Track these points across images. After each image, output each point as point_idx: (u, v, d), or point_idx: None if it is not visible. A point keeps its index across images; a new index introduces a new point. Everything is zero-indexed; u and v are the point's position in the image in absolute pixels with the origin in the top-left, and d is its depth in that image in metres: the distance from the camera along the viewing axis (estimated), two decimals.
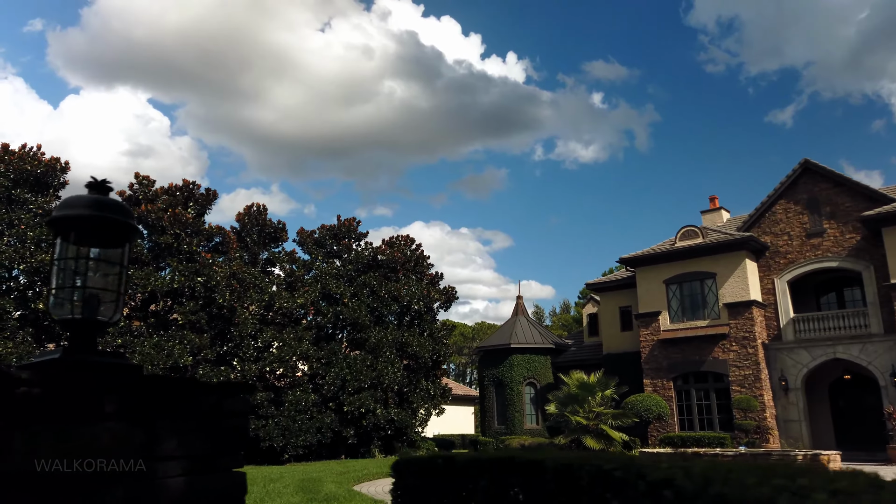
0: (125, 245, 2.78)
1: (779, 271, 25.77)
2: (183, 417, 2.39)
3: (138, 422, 2.27)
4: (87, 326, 2.66)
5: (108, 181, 2.76)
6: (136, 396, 2.29)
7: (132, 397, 2.27)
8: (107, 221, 2.66)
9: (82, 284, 2.66)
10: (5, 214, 20.52)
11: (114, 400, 2.21)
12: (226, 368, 22.52)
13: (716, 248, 25.87)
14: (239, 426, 2.57)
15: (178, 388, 2.42)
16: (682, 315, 26.60)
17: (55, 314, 2.68)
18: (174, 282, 21.59)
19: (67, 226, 2.69)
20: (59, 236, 2.74)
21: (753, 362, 24.67)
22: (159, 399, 2.34)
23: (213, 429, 2.47)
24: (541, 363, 31.15)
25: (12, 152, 20.67)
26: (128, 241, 2.78)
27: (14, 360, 19.25)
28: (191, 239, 22.71)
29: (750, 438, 23.56)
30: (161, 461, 2.30)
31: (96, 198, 2.71)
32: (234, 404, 2.57)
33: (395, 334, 28.88)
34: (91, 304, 2.65)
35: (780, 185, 26.27)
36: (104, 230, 2.69)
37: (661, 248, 27.64)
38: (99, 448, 2.15)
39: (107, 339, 21.51)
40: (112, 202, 2.73)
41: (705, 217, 30.98)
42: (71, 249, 2.71)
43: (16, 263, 20.04)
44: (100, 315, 2.67)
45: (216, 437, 2.47)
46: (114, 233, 2.72)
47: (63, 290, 2.70)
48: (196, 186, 23.98)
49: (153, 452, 2.28)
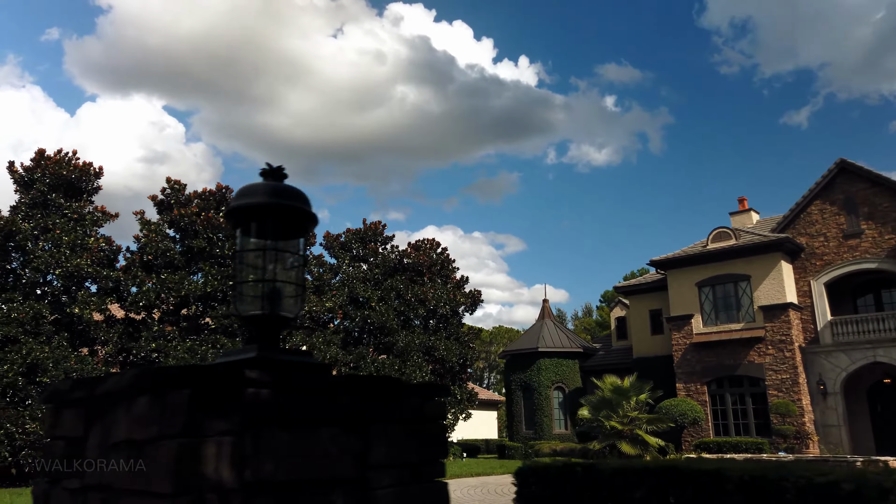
0: (305, 234, 2.59)
1: (815, 273, 25.32)
2: (391, 422, 2.20)
3: (353, 426, 2.09)
4: (272, 323, 2.48)
5: (283, 167, 2.58)
6: (352, 399, 2.10)
7: (348, 400, 2.09)
8: (286, 209, 2.48)
9: (265, 278, 2.48)
10: (41, 219, 20.56)
11: (334, 403, 2.02)
12: None
13: (750, 249, 25.47)
14: (439, 431, 2.38)
15: (387, 390, 2.23)
16: (715, 318, 26.20)
17: (239, 310, 2.49)
18: (207, 286, 21.52)
19: (247, 215, 2.51)
20: (238, 227, 2.56)
21: (791, 366, 24.21)
22: (371, 402, 2.15)
23: (416, 434, 2.28)
24: (569, 367, 30.81)
25: (48, 158, 20.73)
26: (307, 229, 2.59)
27: (50, 365, 19.22)
28: (223, 243, 22.65)
29: (789, 444, 23.10)
30: (374, 470, 2.11)
31: (274, 184, 2.53)
32: (433, 408, 2.38)
33: (423, 338, 28.70)
34: (275, 298, 2.47)
35: (815, 186, 25.85)
36: (284, 218, 2.51)
37: (693, 249, 27.28)
38: (320, 454, 1.96)
39: (141, 343, 21.48)
40: (290, 189, 2.54)
41: (734, 219, 30.53)
42: (251, 241, 2.54)
43: (51, 268, 20.06)
44: (283, 311, 2.48)
45: (420, 443, 2.28)
46: (293, 221, 2.53)
47: (245, 285, 2.53)
48: (228, 191, 23.94)
49: (367, 460, 2.10)
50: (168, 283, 21.53)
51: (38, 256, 19.97)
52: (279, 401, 1.92)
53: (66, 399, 2.18)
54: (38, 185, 20.63)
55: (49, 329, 20.19)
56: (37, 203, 20.76)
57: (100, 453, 2.01)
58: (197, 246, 22.42)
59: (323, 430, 2.00)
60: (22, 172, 20.89)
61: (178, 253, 22.61)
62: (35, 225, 20.44)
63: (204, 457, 1.71)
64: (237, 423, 1.81)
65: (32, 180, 20.79)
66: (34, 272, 20.11)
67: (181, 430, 1.72)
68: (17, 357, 18.96)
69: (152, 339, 21.42)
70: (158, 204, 23.83)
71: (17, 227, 20.03)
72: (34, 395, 19.35)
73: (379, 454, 2.14)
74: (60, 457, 2.17)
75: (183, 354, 20.75)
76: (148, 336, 21.42)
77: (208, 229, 22.29)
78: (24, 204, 20.84)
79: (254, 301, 2.45)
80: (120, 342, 21.55)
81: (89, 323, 20.75)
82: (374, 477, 2.11)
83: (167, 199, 23.78)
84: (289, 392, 1.96)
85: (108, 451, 1.98)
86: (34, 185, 20.78)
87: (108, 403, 2.03)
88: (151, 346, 21.34)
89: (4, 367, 18.78)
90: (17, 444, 18.12)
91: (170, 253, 22.34)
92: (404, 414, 2.27)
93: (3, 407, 18.30)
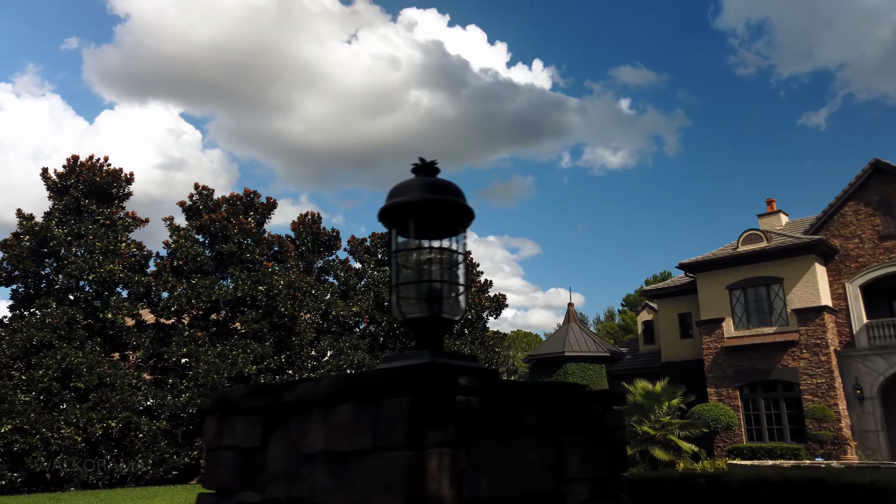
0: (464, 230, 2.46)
1: (850, 275, 24.85)
2: (578, 432, 2.06)
3: (546, 437, 1.95)
4: (436, 325, 2.35)
5: (436, 161, 2.45)
6: (545, 407, 1.96)
7: (542, 408, 1.95)
8: (444, 205, 2.35)
9: (428, 278, 2.35)
10: (74, 225, 20.70)
11: (535, 412, 1.89)
12: (287, 377, 22.39)
13: (783, 251, 25.06)
14: (620, 442, 2.24)
15: (573, 398, 2.09)
16: (747, 322, 25.78)
17: (400, 314, 2.37)
18: (238, 290, 21.55)
19: (403, 214, 2.39)
20: (393, 227, 2.44)
21: (826, 370, 23.75)
22: (562, 410, 2.01)
23: (601, 445, 2.14)
24: (596, 372, 30.47)
25: (82, 164, 20.88)
26: (465, 225, 2.46)
27: (84, 370, 19.32)
28: (253, 248, 22.68)
29: (826, 450, 22.65)
30: (568, 484, 1.97)
31: (429, 180, 2.40)
32: (613, 417, 2.24)
33: (448, 343, 28.58)
34: (437, 300, 2.35)
35: (848, 187, 25.41)
36: (441, 215, 2.38)
37: (723, 252, 26.90)
38: (524, 467, 1.83)
39: (171, 348, 21.55)
40: (446, 183, 2.42)
41: (762, 220, 30.07)
42: (408, 241, 2.42)
43: (85, 274, 20.18)
44: (446, 312, 2.36)
45: (605, 455, 2.14)
46: (451, 217, 2.40)
47: (406, 287, 2.40)
48: (256, 196, 24.00)
49: (562, 473, 1.96)
50: (198, 288, 21.59)
51: (71, 262, 20.11)
52: (486, 409, 1.79)
53: (238, 407, 2.06)
54: (72, 191, 20.78)
55: (82, 334, 20.32)
56: (70, 209, 20.91)
57: (288, 465, 1.89)
58: (227, 251, 22.46)
59: (523, 441, 1.87)
60: (55, 179, 21.06)
61: (207, 258, 22.68)
62: (68, 231, 20.59)
63: (429, 471, 1.58)
64: (451, 434, 1.68)
65: (66, 187, 20.95)
66: (67, 278, 20.25)
67: (405, 441, 1.59)
68: (51, 362, 19.09)
69: (183, 344, 21.49)
70: (187, 210, 23.94)
71: (51, 232, 20.19)
72: (69, 399, 19.46)
73: (573, 467, 2.00)
74: (231, 468, 2.05)
75: (213, 359, 20.78)
76: (179, 341, 21.49)
77: (239, 234, 22.34)
78: (57, 210, 21.00)
79: (417, 303, 2.33)
80: (151, 347, 21.64)
81: (121, 328, 20.86)
82: (569, 492, 1.97)
83: (195, 205, 23.88)
84: (491, 400, 1.82)
85: (299, 462, 1.86)
86: (68, 192, 20.94)
87: (294, 411, 1.91)
88: (182, 350, 21.41)
89: (40, 371, 18.91)
90: (52, 449, 18.20)
91: (200, 258, 22.41)
92: (588, 424, 2.13)
93: (38, 412, 18.40)
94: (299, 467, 1.85)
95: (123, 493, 16.83)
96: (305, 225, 26.91)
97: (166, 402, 20.19)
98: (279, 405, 1.94)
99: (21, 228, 20.46)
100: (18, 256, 20.14)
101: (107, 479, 19.19)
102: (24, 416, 17.89)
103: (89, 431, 18.61)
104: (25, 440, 17.74)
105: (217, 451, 2.13)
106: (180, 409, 20.12)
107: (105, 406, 19.08)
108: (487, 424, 1.79)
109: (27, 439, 17.79)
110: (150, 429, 19.57)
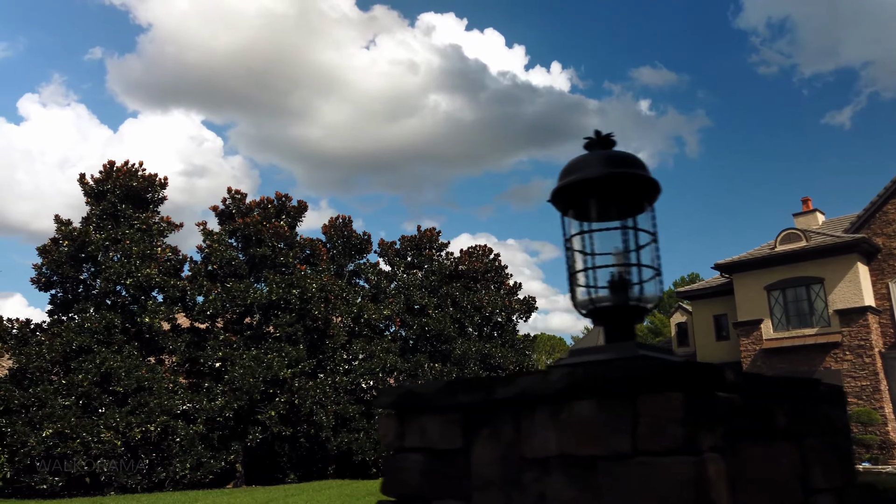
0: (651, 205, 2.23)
1: (893, 275, 24.19)
2: (815, 434, 1.82)
3: (794, 440, 1.72)
4: (628, 314, 2.13)
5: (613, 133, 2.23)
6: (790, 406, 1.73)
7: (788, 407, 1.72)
8: (629, 178, 2.12)
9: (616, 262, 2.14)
10: (111, 230, 20.83)
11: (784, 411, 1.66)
12: (320, 381, 22.28)
13: (823, 251, 24.47)
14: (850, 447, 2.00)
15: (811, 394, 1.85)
16: (786, 323, 25.21)
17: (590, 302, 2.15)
18: (272, 294, 21.51)
19: (581, 193, 2.17)
20: (569, 209, 2.23)
21: (871, 372, 23.11)
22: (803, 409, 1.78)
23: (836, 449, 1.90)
24: None
25: (118, 169, 21.02)
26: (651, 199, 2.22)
27: (123, 374, 19.38)
28: (286, 251, 22.65)
29: (873, 454, 22.00)
30: (813, 494, 1.73)
31: (608, 153, 2.18)
32: (841, 417, 2.00)
33: (478, 346, 28.27)
34: (628, 285, 2.13)
35: (890, 184, 24.77)
36: (626, 190, 2.15)
37: (760, 252, 26.35)
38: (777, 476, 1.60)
39: (207, 352, 21.57)
40: (628, 155, 2.19)
41: (798, 220, 29.44)
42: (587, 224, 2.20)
43: (122, 278, 20.27)
44: (639, 299, 2.14)
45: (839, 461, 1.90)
46: (637, 192, 2.18)
47: (587, 273, 2.19)
48: (288, 199, 24.01)
49: (807, 482, 1.72)
50: (233, 292, 21.58)
51: (109, 266, 20.21)
52: (747, 408, 1.56)
53: (431, 404, 1.85)
54: (108, 196, 20.91)
55: (120, 338, 20.39)
56: (107, 214, 21.04)
57: (503, 470, 1.67)
58: (260, 254, 22.45)
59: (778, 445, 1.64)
60: (92, 184, 21.21)
61: (241, 262, 22.69)
62: (106, 236, 20.71)
63: (710, 481, 1.35)
64: (720, 437, 1.46)
65: (103, 192, 21.09)
66: (105, 282, 20.36)
67: (683, 444, 1.37)
68: (91, 366, 19.17)
69: (217, 347, 21.49)
70: (220, 214, 23.99)
71: (89, 237, 20.33)
72: (108, 403, 19.53)
73: (817, 476, 1.76)
74: (418, 473, 1.84)
75: (249, 363, 20.73)
76: (214, 345, 21.50)
77: (273, 237, 22.32)
78: (94, 215, 21.14)
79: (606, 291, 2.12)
80: (187, 351, 21.67)
81: (158, 332, 20.91)
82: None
83: (228, 209, 23.92)
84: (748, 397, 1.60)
85: (519, 467, 1.64)
86: (105, 197, 21.08)
87: (506, 409, 1.70)
88: (218, 354, 21.41)
89: (80, 376, 18.99)
90: (92, 453, 18.25)
91: (234, 262, 22.42)
92: (824, 424, 1.89)
93: (78, 416, 18.48)
94: (520, 473, 1.64)
95: (164, 497, 16.80)
96: (336, 228, 26.84)
97: (202, 406, 20.17)
98: (489, 402, 1.73)
99: (59, 234, 20.62)
100: (57, 262, 20.30)
101: (145, 482, 19.21)
102: (64, 420, 17.97)
103: (128, 435, 18.64)
104: (66, 444, 17.82)
105: (400, 454, 1.92)
106: (216, 413, 20.09)
107: (144, 410, 19.10)
108: (750, 426, 1.56)
109: (68, 443, 17.86)
110: (187, 433, 19.56)
